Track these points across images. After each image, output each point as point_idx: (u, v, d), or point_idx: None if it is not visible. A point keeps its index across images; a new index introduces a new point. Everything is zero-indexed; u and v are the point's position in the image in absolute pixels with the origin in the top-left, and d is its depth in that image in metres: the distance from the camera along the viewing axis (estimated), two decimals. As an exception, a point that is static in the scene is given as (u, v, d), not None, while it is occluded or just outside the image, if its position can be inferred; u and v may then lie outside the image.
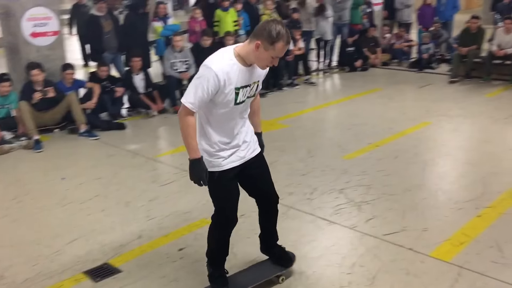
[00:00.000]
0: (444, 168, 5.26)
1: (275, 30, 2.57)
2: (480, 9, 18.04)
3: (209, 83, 2.57)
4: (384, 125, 6.77)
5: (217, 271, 3.05)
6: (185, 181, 5.03)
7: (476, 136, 6.29)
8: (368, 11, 11.30)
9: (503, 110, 7.21)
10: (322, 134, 6.64)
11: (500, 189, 4.56)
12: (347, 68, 10.47)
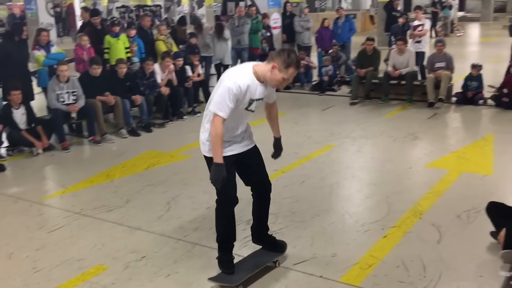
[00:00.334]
0: (350, 191, 5.54)
1: (289, 57, 3.35)
2: (375, 30, 19.55)
3: (235, 94, 3.32)
4: (290, 150, 6.97)
5: (225, 255, 3.64)
6: (77, 224, 4.84)
7: (378, 157, 6.72)
8: (267, 35, 11.76)
9: (401, 130, 7.78)
10: (226, 163, 6.70)
11: (404, 208, 4.89)
12: (249, 94, 10.72)
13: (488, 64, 12.30)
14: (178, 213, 4.98)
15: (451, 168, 6.04)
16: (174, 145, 7.34)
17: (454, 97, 9.39)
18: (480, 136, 7.35)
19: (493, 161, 6.20)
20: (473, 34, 24.38)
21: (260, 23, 11.39)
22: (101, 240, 4.44)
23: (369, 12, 29.13)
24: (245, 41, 11.00)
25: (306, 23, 12.29)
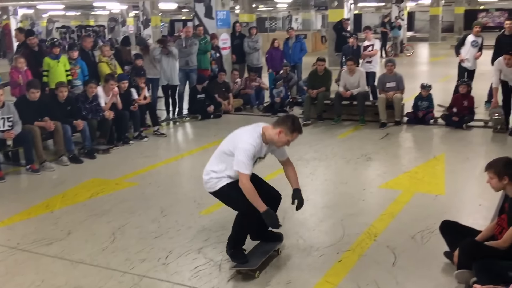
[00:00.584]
0: (304, 215, 5.58)
1: (294, 124, 4.23)
2: (326, 51, 20.06)
3: (253, 154, 4.10)
4: (242, 174, 7.01)
5: (239, 251, 4.31)
6: (14, 260, 4.65)
7: (332, 179, 6.83)
8: (216, 56, 11.85)
9: (354, 150, 7.97)
10: (175, 190, 6.64)
11: (358, 230, 4.99)
12: (199, 116, 10.73)
13: (438, 84, 12.85)
14: (124, 244, 4.88)
15: (404, 189, 6.22)
16: (120, 172, 7.22)
17: (405, 117, 9.72)
18: (432, 155, 7.62)
19: (445, 181, 6.42)
20: (422, 54, 25.43)
21: (209, 44, 11.48)
22: (40, 276, 4.28)
23: (320, 32, 29.93)
24: (193, 62, 11.04)
25: (254, 43, 12.48)
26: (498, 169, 3.89)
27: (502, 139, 8.44)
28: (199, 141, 9.11)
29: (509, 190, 3.89)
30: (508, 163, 3.91)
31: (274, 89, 11.21)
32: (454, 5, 37.37)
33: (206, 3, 12.56)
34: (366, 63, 11.01)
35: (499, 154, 6.90)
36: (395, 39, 23.70)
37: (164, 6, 26.21)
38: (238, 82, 12.12)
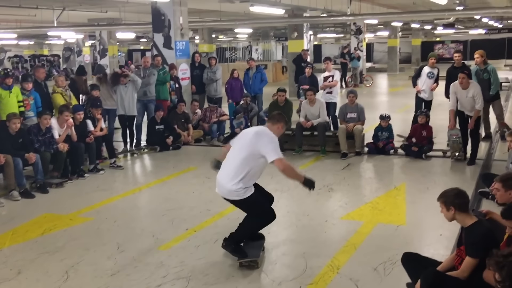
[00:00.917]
0: (266, 248, 5.57)
1: (286, 120, 5.36)
2: (287, 81, 20.38)
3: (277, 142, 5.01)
4: (202, 207, 6.98)
5: (239, 247, 5.05)
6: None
7: (294, 210, 6.86)
8: (176, 87, 11.87)
9: (316, 181, 7.98)
10: (133, 225, 6.53)
11: (321, 263, 5.01)
12: (157, 148, 10.65)
13: (397, 114, 13.21)
14: (78, 283, 4.74)
15: (366, 220, 6.31)
16: (74, 207, 7.06)
17: (366, 147, 9.92)
18: (393, 185, 7.78)
19: (406, 211, 6.56)
20: (381, 85, 26.14)
21: (167, 74, 11.50)
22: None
23: (281, 62, 30.43)
24: (151, 93, 11.02)
25: (213, 74, 12.58)
26: (445, 199, 4.03)
27: (461, 168, 8.71)
28: (158, 174, 9.03)
29: (459, 220, 4.01)
30: (457, 194, 4.04)
31: (235, 120, 11.26)
32: (411, 36, 38.81)
33: (165, 34, 12.63)
34: (327, 94, 11.23)
35: (458, 183, 7.12)
36: (354, 70, 24.33)
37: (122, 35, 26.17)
38: (198, 113, 12.15)
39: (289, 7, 16.55)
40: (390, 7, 23.40)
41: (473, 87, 8.62)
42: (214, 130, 11.48)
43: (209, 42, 27.09)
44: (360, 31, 26.52)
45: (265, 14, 18.12)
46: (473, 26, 37.24)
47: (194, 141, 11.36)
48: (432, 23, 32.00)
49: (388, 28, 32.13)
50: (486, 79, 9.95)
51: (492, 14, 22.82)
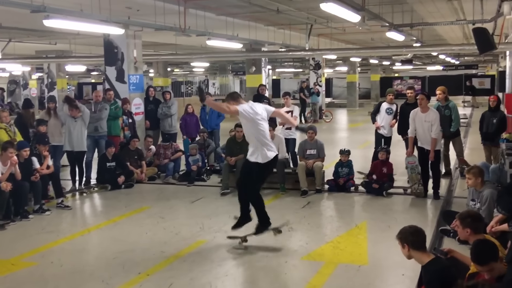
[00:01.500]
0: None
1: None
2: (245, 117, 20.46)
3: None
4: (156, 249, 6.85)
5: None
6: None
7: (253, 251, 6.80)
8: (129, 122, 11.78)
9: (276, 220, 7.93)
10: (81, 269, 6.33)
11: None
12: (108, 186, 10.46)
13: (357, 150, 13.46)
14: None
15: (327, 260, 6.33)
16: (16, 251, 6.81)
17: (326, 184, 10.03)
18: (354, 224, 7.85)
19: (367, 250, 6.62)
20: (341, 120, 26.67)
21: (119, 109, 11.42)
22: None
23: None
24: (103, 128, 10.89)
25: (168, 109, 12.57)
26: (401, 236, 4.12)
27: (422, 206, 8.90)
28: (109, 214, 8.84)
29: (416, 258, 4.10)
30: (412, 232, 4.13)
31: (190, 157, 11.22)
32: (370, 72, 40.02)
33: (118, 67, 12.61)
34: (286, 130, 11.33)
35: (419, 221, 7.28)
36: (314, 105, 24.77)
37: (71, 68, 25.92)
38: (152, 149, 12.05)
39: (247, 41, 16.84)
40: (349, 42, 24.13)
41: (432, 112, 8.98)
42: (170, 168, 11.38)
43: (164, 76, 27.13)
44: (319, 66, 27.15)
45: (223, 48, 18.34)
46: (431, 63, 38.84)
47: (147, 179, 11.22)
48: (390, 59, 33.18)
49: (347, 64, 33.06)
50: (447, 116, 10.28)
51: (449, 51, 23.86)
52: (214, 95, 24.29)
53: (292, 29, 17.09)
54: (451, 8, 12.83)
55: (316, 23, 15.69)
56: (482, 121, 10.57)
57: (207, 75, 43.38)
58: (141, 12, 12.23)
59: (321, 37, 20.62)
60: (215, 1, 11.60)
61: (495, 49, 10.21)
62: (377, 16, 11.27)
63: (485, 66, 43.41)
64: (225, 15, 13.92)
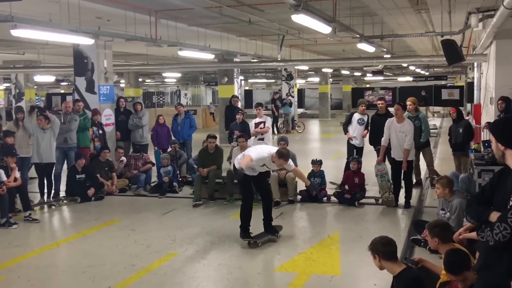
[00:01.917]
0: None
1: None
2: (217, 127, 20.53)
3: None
4: (126, 262, 6.78)
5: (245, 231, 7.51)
6: None
7: (226, 263, 6.78)
8: (99, 133, 11.66)
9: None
10: (49, 284, 6.23)
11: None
12: (78, 199, 10.32)
13: (329, 160, 13.56)
14: None
15: (300, 271, 6.34)
16: (-18, 266, 6.65)
17: (299, 195, 10.06)
18: (326, 234, 7.89)
19: (340, 261, 6.65)
20: (313, 131, 26.86)
21: (88, 121, 11.30)
22: None
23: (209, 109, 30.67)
24: (72, 140, 10.75)
25: (139, 120, 12.50)
26: (372, 246, 4.18)
27: (393, 216, 9.00)
28: (78, 227, 8.71)
29: (387, 268, 4.15)
30: (383, 242, 4.18)
31: (162, 168, 11.15)
32: (342, 83, 40.46)
33: (88, 77, 12.50)
34: (258, 140, 11.36)
35: (391, 231, 7.36)
36: (286, 116, 24.90)
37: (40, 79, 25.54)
38: (124, 161, 11.93)
39: (219, 52, 16.86)
40: (320, 53, 24.38)
41: (407, 123, 9.17)
42: (142, 180, 11.29)
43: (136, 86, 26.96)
44: (291, 77, 27.34)
45: (195, 59, 18.33)
46: (401, 74, 39.46)
47: (118, 191, 11.10)
48: (362, 70, 33.62)
49: (319, 74, 33.38)
50: (417, 126, 10.43)
51: (418, 62, 24.31)
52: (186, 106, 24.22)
53: (264, 40, 17.19)
54: (420, 20, 13.07)
55: (288, 34, 15.82)
56: (450, 133, 10.80)
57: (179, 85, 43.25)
58: (112, 22, 12.16)
59: (293, 48, 20.79)
60: (187, 11, 11.59)
61: (463, 60, 10.44)
62: (348, 28, 11.42)
63: (454, 77, 44.27)
64: (196, 26, 13.94)
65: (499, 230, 3.00)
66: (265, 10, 11.74)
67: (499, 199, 3.22)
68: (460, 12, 10.48)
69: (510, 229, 2.97)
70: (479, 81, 15.19)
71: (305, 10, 8.02)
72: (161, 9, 11.48)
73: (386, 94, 33.27)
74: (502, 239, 3.00)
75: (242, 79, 35.95)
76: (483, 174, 8.16)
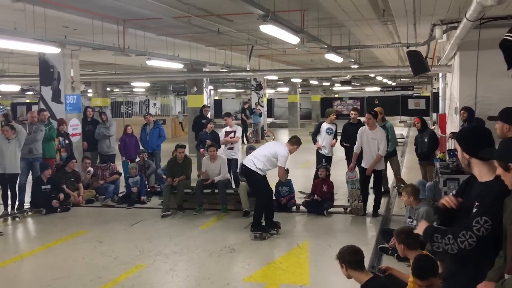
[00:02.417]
0: None
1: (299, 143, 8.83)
2: (187, 137, 20.42)
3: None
4: (93, 274, 6.66)
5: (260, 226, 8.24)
6: None
7: (194, 274, 6.73)
8: (65, 143, 11.47)
9: (217, 242, 8.01)
10: (12, 298, 6.07)
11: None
12: (43, 210, 10.11)
13: (299, 170, 13.62)
14: None
15: (269, 281, 6.33)
16: None
17: (268, 204, 10.06)
18: (296, 244, 7.91)
19: (309, 270, 6.67)
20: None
21: (54, 131, 11.11)
22: None
23: (178, 118, 30.53)
24: (38, 150, 10.54)
25: (106, 130, 12.35)
26: (339, 256, 4.22)
27: (361, 223, 9.09)
28: (43, 239, 8.53)
29: (354, 277, 4.19)
30: (350, 252, 4.22)
31: (130, 178, 11.03)
32: (311, 93, 40.76)
33: (54, 87, 12.31)
34: (228, 150, 11.35)
35: (359, 239, 7.42)
36: (256, 126, 24.94)
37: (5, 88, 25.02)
38: (90, 171, 11.76)
39: (188, 61, 16.81)
40: (289, 63, 24.54)
41: (379, 131, 9.37)
42: (109, 190, 11.13)
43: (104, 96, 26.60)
44: (260, 87, 27.42)
45: (163, 68, 18.24)
46: (369, 84, 40.00)
47: (85, 202, 10.92)
48: (330, 80, 33.94)
49: (288, 84, 33.56)
50: None
51: (385, 72, 24.69)
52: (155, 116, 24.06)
53: (233, 50, 17.21)
54: (386, 32, 13.28)
55: (257, 44, 15.88)
56: (416, 143, 10.98)
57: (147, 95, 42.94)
58: (79, 31, 12.01)
59: (262, 58, 20.88)
60: (155, 21, 11.53)
61: (428, 71, 10.64)
62: (316, 38, 11.53)
63: (420, 87, 45.07)
64: (165, 35, 13.87)
65: (465, 238, 3.00)
66: (234, 20, 11.76)
67: (464, 207, 3.26)
68: (425, 24, 10.68)
69: (476, 237, 2.98)
70: (444, 92, 15.51)
71: (273, 21, 8.07)
72: (129, 18, 11.39)
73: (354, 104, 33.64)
74: (468, 247, 3.00)
75: (212, 88, 35.91)
76: (448, 182, 8.31)
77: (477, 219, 3.00)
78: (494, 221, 2.96)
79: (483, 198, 3.10)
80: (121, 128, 13.40)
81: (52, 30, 11.01)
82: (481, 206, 3.07)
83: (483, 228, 2.98)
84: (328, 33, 12.95)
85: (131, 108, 36.07)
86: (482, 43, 7.14)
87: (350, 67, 18.52)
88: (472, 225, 3.00)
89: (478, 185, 3.21)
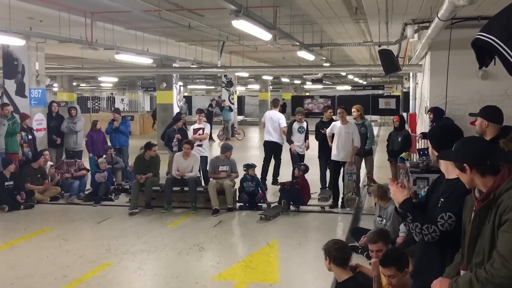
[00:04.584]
0: None
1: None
2: (155, 133, 20.27)
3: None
4: (57, 273, 6.57)
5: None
6: None
7: (162, 273, 6.70)
8: (28, 138, 11.26)
9: (186, 240, 7.98)
10: (-27, 297, 5.94)
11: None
12: (6, 207, 9.92)
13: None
14: None
15: (238, 279, 6.34)
16: None
17: (238, 202, 10.08)
18: (265, 242, 7.93)
19: (278, 269, 6.70)
20: (253, 138, 26.94)
21: (17, 125, 10.90)
22: None
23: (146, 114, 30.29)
24: (0, 145, 10.33)
25: (74, 125, 12.18)
26: (326, 248, 4.29)
27: (332, 223, 9.18)
28: (5, 237, 8.37)
29: (335, 273, 4.26)
30: (337, 248, 4.28)
31: (97, 174, 10.90)
32: (282, 91, 40.90)
33: (18, 80, 12.08)
34: (197, 147, 11.29)
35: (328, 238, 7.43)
36: (226, 123, 24.89)
37: (-34, 80, 24.46)
38: (51, 165, 11.55)
39: (157, 56, 16.66)
40: (261, 60, 24.56)
41: (352, 125, 9.99)
42: (75, 187, 10.97)
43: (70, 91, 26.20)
44: (231, 84, 27.38)
45: (132, 63, 18.05)
46: (340, 83, 40.36)
47: (50, 199, 10.74)
48: (302, 78, 34.12)
49: (259, 82, 33.61)
50: (363, 133, 10.66)
51: (357, 71, 24.93)
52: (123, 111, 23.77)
53: (204, 46, 17.13)
54: (358, 30, 13.40)
55: (228, 40, 15.84)
56: (388, 139, 11.10)
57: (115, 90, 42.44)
58: (44, 23, 11.79)
59: (233, 54, 20.84)
60: (124, 14, 11.39)
61: (400, 70, 10.78)
62: (288, 35, 11.57)
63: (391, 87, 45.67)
64: (134, 29, 13.73)
65: (428, 231, 3.15)
66: (205, 15, 11.71)
67: (431, 203, 3.37)
68: (397, 23, 10.80)
69: (439, 232, 3.13)
70: (415, 91, 15.73)
71: (245, 16, 8.07)
72: (97, 11, 11.23)
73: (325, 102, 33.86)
74: (431, 240, 3.16)
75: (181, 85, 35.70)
76: (418, 181, 8.42)
77: (442, 214, 3.14)
78: (458, 217, 3.07)
79: (448, 195, 3.21)
80: (87, 124, 13.23)
81: (17, 22, 10.79)
82: (445, 202, 3.21)
83: (447, 223, 3.13)
84: (301, 31, 13.00)
85: (98, 103, 35.60)
86: (453, 43, 7.25)
87: (321, 65, 18.64)
88: (437, 220, 3.14)
89: (445, 182, 3.32)
